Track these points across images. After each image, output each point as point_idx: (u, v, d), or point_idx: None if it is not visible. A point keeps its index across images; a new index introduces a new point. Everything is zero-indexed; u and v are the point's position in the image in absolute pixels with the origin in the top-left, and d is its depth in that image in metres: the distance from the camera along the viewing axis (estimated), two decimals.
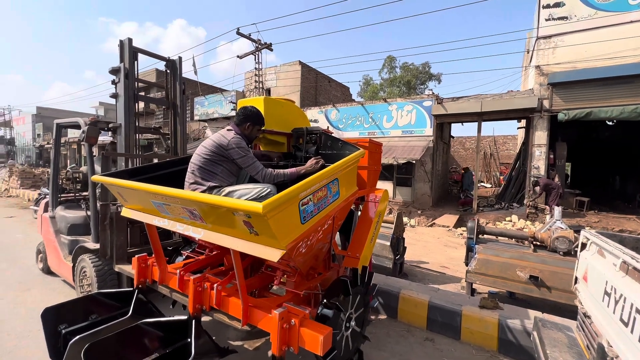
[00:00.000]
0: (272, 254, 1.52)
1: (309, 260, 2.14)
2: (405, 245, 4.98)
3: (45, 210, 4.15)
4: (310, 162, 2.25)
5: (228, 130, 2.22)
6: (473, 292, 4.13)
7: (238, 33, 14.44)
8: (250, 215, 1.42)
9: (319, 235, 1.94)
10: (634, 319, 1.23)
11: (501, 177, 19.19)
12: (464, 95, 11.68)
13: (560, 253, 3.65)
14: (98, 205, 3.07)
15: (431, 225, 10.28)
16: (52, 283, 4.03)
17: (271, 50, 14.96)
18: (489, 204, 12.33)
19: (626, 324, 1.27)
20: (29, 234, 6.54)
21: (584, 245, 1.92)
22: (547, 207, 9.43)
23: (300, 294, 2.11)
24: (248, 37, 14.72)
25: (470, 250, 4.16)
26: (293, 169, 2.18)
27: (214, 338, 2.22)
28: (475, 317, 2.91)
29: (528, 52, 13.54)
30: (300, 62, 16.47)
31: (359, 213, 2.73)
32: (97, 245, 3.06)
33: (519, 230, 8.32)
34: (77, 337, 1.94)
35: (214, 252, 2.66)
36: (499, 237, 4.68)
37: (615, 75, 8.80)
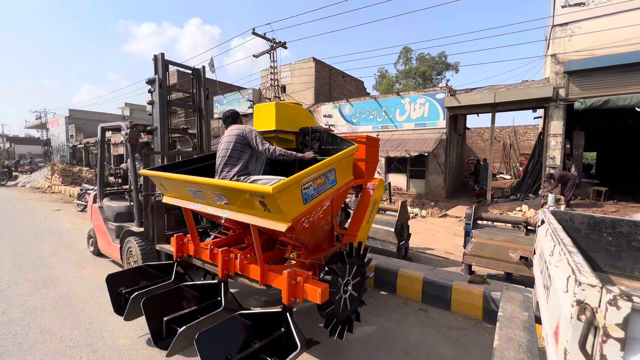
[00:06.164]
0: (280, 226, 2.01)
1: (314, 236, 2.61)
2: (410, 232, 5.36)
3: (94, 201, 4.87)
4: (308, 153, 2.78)
5: (236, 127, 2.80)
6: (472, 273, 4.47)
7: (254, 33, 14.98)
8: (264, 195, 1.90)
9: (320, 214, 2.41)
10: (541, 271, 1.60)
11: (521, 169, 18.87)
12: (477, 87, 11.68)
13: None
14: (140, 195, 3.69)
15: (444, 216, 10.50)
16: (103, 262, 4.76)
17: (285, 48, 15.42)
18: (504, 195, 12.34)
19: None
20: (76, 223, 7.44)
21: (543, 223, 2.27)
22: (562, 197, 9.42)
23: (306, 262, 2.60)
24: (263, 37, 15.23)
25: (467, 235, 4.49)
26: (292, 152, 2.73)
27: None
28: (464, 290, 3.29)
29: (547, 40, 13.24)
30: (314, 59, 16.83)
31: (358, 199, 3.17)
32: (141, 229, 3.69)
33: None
34: (136, 292, 2.53)
35: (237, 232, 3.19)
36: (496, 223, 4.96)
37: (634, 62, 8.60)
